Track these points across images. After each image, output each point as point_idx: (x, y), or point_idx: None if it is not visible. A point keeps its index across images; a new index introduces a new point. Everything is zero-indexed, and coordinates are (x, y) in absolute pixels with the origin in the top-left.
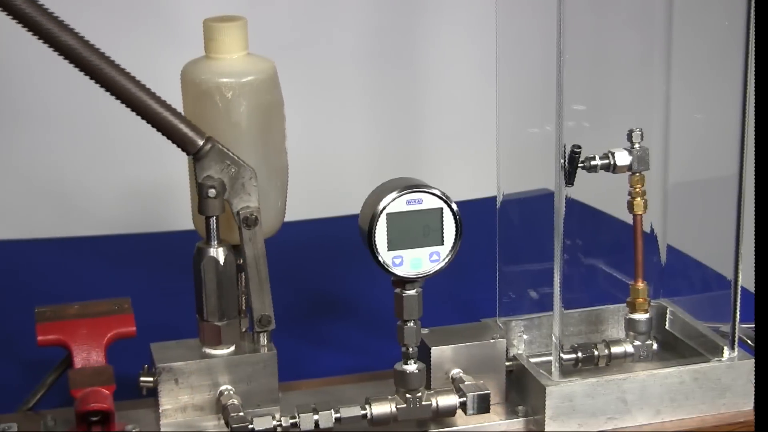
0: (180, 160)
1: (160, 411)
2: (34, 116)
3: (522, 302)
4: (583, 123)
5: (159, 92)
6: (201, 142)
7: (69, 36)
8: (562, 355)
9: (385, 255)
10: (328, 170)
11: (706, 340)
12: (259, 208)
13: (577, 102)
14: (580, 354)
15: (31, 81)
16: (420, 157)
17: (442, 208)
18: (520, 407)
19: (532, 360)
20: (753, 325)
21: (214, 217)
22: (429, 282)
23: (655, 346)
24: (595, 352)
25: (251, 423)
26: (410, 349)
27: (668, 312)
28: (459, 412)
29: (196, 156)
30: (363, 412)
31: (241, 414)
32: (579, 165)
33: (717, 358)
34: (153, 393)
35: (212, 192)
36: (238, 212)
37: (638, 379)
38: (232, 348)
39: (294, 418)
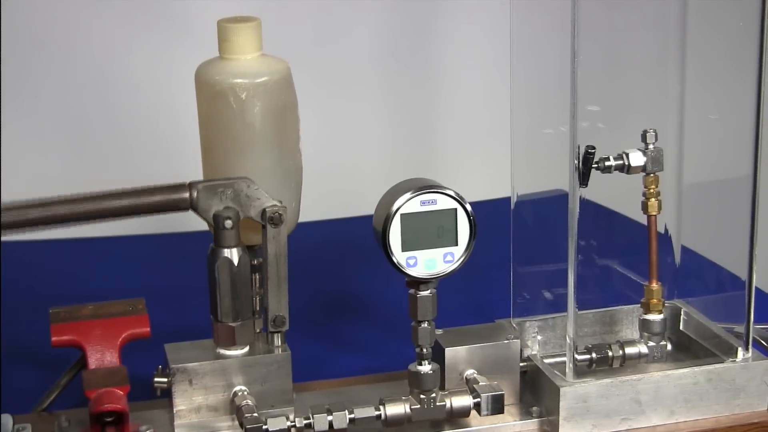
0: (193, 158)
1: (174, 412)
2: (44, 116)
3: (536, 303)
4: (598, 124)
5: (172, 94)
6: (187, 195)
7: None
8: (576, 355)
9: (399, 256)
10: (343, 171)
11: (721, 341)
12: (285, 206)
13: (591, 102)
14: (594, 355)
15: (40, 80)
16: (434, 158)
17: (456, 209)
18: (534, 408)
19: (546, 361)
20: (767, 326)
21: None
22: (443, 283)
23: (669, 346)
24: (610, 353)
25: (265, 424)
26: (424, 350)
27: (682, 313)
28: (473, 412)
29: (192, 206)
30: (377, 412)
31: (255, 415)
32: (593, 166)
33: (731, 359)
34: (167, 394)
35: (228, 223)
36: (263, 212)
37: (652, 379)
38: (246, 349)
39: (308, 418)
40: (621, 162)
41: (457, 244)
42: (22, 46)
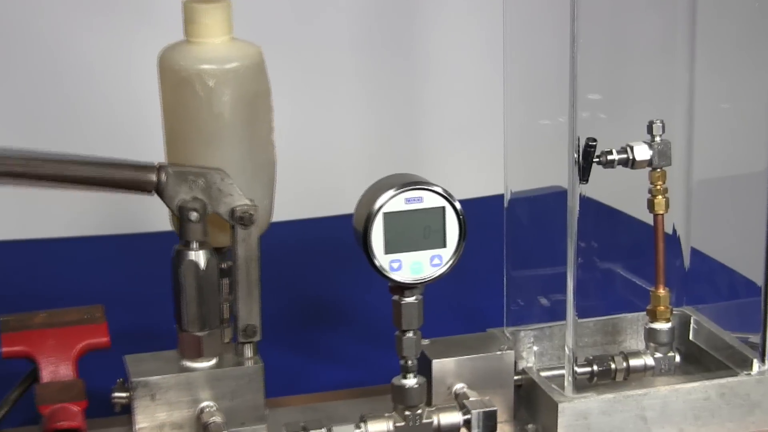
0: (156, 154)
1: (136, 429)
2: None
3: (532, 310)
4: (599, 114)
5: (133, 80)
6: (154, 177)
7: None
8: (575, 368)
9: (381, 259)
10: (320, 165)
11: (734, 352)
12: (256, 205)
13: (592, 91)
14: (595, 367)
15: None
16: (420, 152)
17: (444, 207)
18: (530, 425)
19: (543, 374)
20: None
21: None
22: (430, 288)
23: (677, 358)
24: (612, 365)
25: None
26: (409, 362)
27: (692, 321)
28: (463, 430)
29: (158, 190)
30: (358, 430)
31: None
32: (594, 160)
33: (746, 372)
34: (127, 410)
35: (194, 215)
36: (233, 211)
37: (659, 394)
38: (214, 361)
39: None
40: (625, 156)
41: (445, 246)
42: None
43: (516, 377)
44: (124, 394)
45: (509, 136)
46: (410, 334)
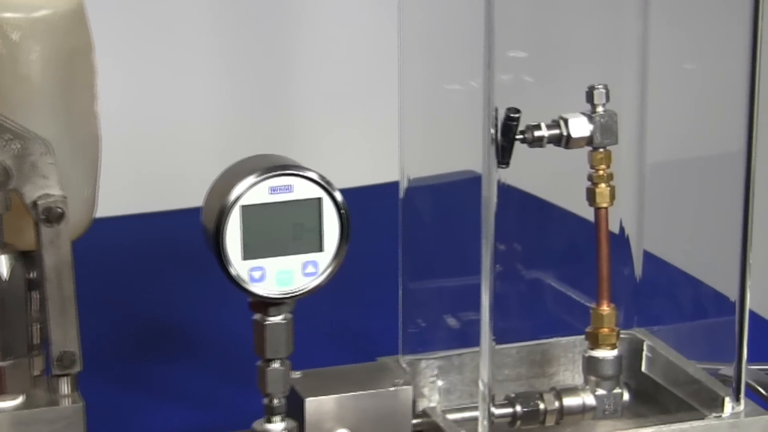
0: None
1: None
2: None
3: (435, 333)
4: (524, 77)
5: None
6: None
7: None
8: (493, 409)
9: (239, 266)
10: (158, 145)
11: (700, 388)
12: (65, 197)
13: (514, 47)
14: (519, 408)
15: None
16: (290, 127)
17: (320, 199)
18: None
19: (450, 416)
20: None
21: None
22: (303, 304)
23: (626, 396)
24: (541, 406)
25: None
26: (275, 401)
27: (645, 347)
28: None
29: None
30: None
31: None
32: (517, 137)
33: (715, 414)
34: None
35: None
36: (35, 202)
37: None
38: (21, 399)
39: None
40: (557, 131)
41: (321, 250)
42: None
43: (415, 420)
44: None
45: (406, 105)
46: (277, 365)
